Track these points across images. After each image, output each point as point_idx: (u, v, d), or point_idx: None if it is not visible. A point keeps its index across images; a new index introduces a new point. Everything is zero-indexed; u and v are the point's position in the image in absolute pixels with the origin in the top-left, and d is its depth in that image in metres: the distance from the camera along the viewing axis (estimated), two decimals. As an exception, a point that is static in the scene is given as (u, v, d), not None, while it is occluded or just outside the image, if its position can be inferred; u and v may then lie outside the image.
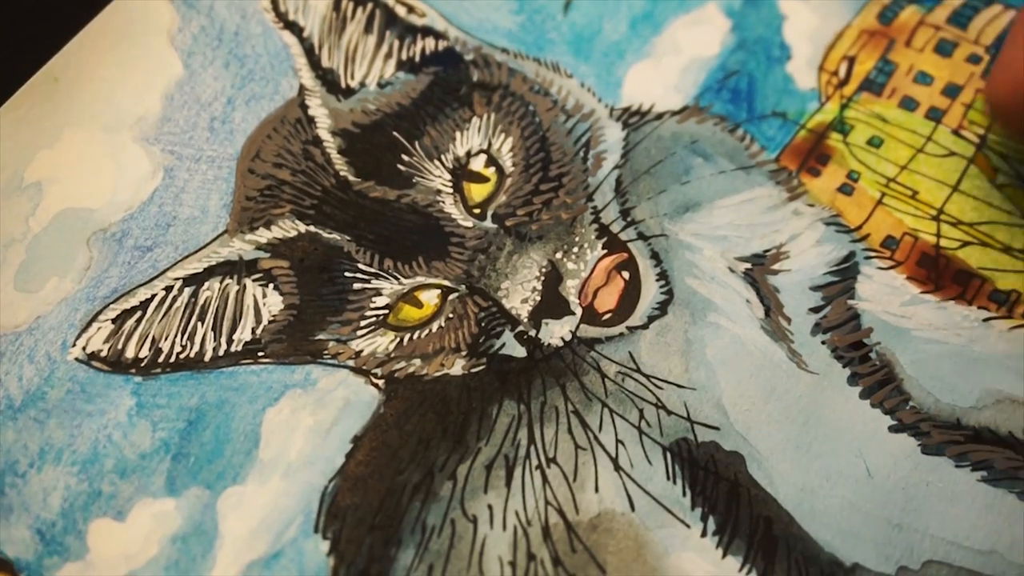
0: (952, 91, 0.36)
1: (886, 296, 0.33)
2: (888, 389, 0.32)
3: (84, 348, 0.32)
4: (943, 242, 0.34)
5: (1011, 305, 0.33)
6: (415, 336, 0.32)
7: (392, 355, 0.32)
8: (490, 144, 0.34)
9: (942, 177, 0.35)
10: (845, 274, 0.33)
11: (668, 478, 0.30)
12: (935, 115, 0.36)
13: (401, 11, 0.36)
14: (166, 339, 0.32)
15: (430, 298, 0.32)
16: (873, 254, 0.34)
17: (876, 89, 0.36)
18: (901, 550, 0.30)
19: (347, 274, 0.33)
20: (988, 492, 0.30)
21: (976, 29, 0.37)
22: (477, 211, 0.33)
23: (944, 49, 0.36)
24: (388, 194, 0.34)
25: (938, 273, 0.33)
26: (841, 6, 0.37)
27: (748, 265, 0.33)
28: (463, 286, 0.32)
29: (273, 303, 0.32)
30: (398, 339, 0.32)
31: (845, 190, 0.34)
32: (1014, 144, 0.35)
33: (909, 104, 0.36)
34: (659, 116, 0.35)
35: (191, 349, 0.32)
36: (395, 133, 0.34)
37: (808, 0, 0.37)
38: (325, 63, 0.35)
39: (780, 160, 0.35)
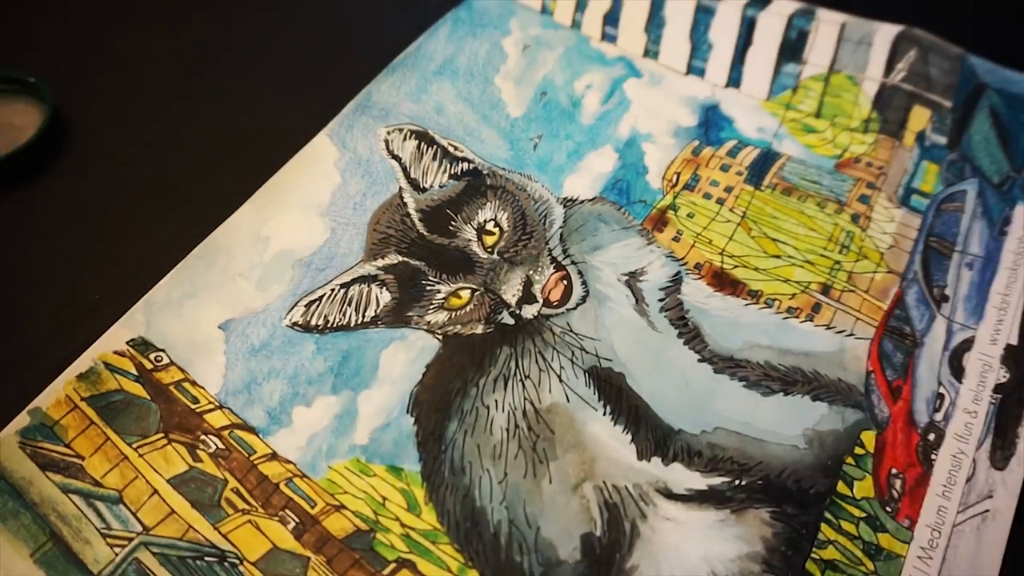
0: (728, 189, 0.35)
1: (696, 293, 0.32)
2: (697, 341, 0.30)
3: (290, 320, 0.30)
4: (724, 265, 0.32)
5: (758, 296, 0.32)
6: (457, 314, 0.31)
7: (446, 324, 0.30)
8: (496, 216, 0.33)
9: (724, 233, 0.33)
10: (675, 282, 0.32)
11: (586, 386, 0.29)
12: (720, 201, 0.34)
13: (450, 149, 0.35)
14: (331, 315, 0.30)
15: (465, 294, 0.31)
16: (690, 272, 0.32)
17: (691, 188, 0.35)
18: (702, 422, 0.28)
19: (423, 282, 0.31)
20: (746, 392, 0.29)
21: (741, 159, 0.36)
22: (489, 250, 0.32)
23: (724, 168, 0.35)
24: (444, 241, 0.32)
25: (722, 281, 0.32)
26: (672, 147, 0.36)
27: (627, 277, 0.32)
28: (482, 288, 0.31)
29: (384, 297, 0.31)
30: (449, 315, 0.30)
31: (676, 239, 0.33)
32: (766, 217, 0.35)
33: (708, 196, 0.34)
34: (582, 202, 0.34)
35: (343, 320, 0.30)
36: (448, 211, 0.33)
37: (656, 143, 0.36)
38: (412, 175, 0.34)
39: (643, 224, 0.33)
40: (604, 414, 0.29)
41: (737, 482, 0.27)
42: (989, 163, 0.35)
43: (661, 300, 0.31)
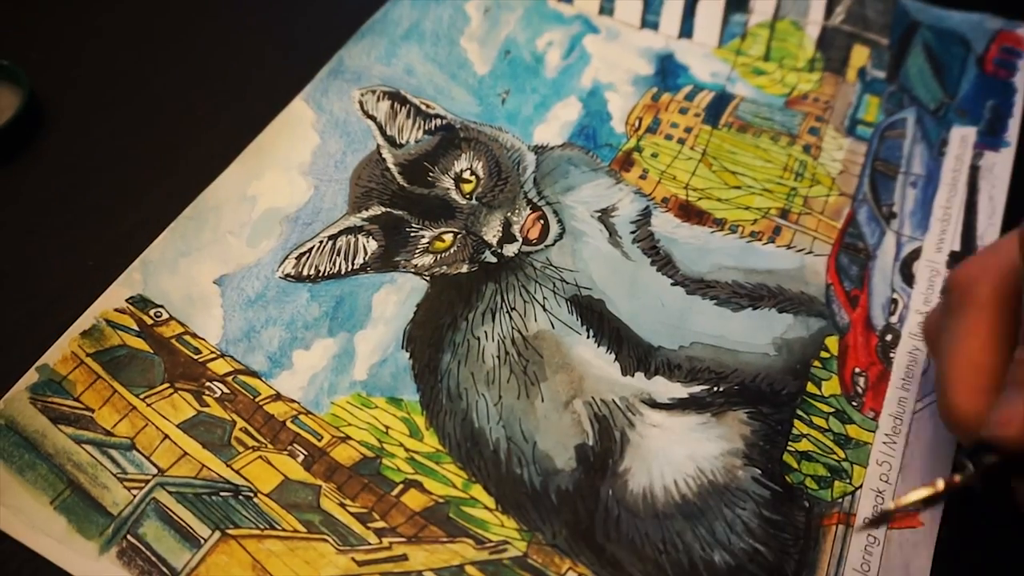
0: (688, 130, 0.36)
1: (665, 224, 0.33)
2: (669, 267, 0.32)
3: (283, 272, 0.31)
4: (689, 198, 0.34)
5: (723, 224, 0.33)
6: (442, 256, 0.32)
7: (432, 265, 0.32)
8: (471, 165, 0.34)
9: (687, 169, 0.35)
10: (645, 215, 0.33)
11: (569, 313, 0.31)
12: (681, 141, 0.36)
13: (423, 107, 0.36)
14: (321, 265, 0.31)
15: (448, 237, 0.32)
16: (658, 206, 0.34)
17: (653, 131, 0.36)
18: (679, 338, 0.30)
19: (407, 229, 0.32)
20: (718, 309, 0.31)
21: (697, 101, 0.38)
22: (468, 196, 0.33)
23: (683, 111, 0.37)
24: (424, 191, 0.33)
25: (688, 213, 0.34)
26: (633, 94, 0.38)
27: (599, 214, 0.33)
28: (463, 231, 0.32)
29: (371, 246, 0.32)
30: (434, 257, 0.32)
31: (642, 177, 0.35)
32: (724, 152, 0.37)
33: (669, 136, 0.36)
34: (551, 148, 0.35)
35: (334, 269, 0.31)
36: (425, 163, 0.34)
37: (617, 91, 0.38)
38: (388, 133, 0.35)
39: (611, 165, 0.35)
40: (588, 337, 0.30)
41: (715, 389, 0.29)
42: (925, 92, 0.38)
43: (633, 232, 0.33)
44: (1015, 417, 0.20)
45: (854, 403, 0.29)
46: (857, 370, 0.30)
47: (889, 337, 0.31)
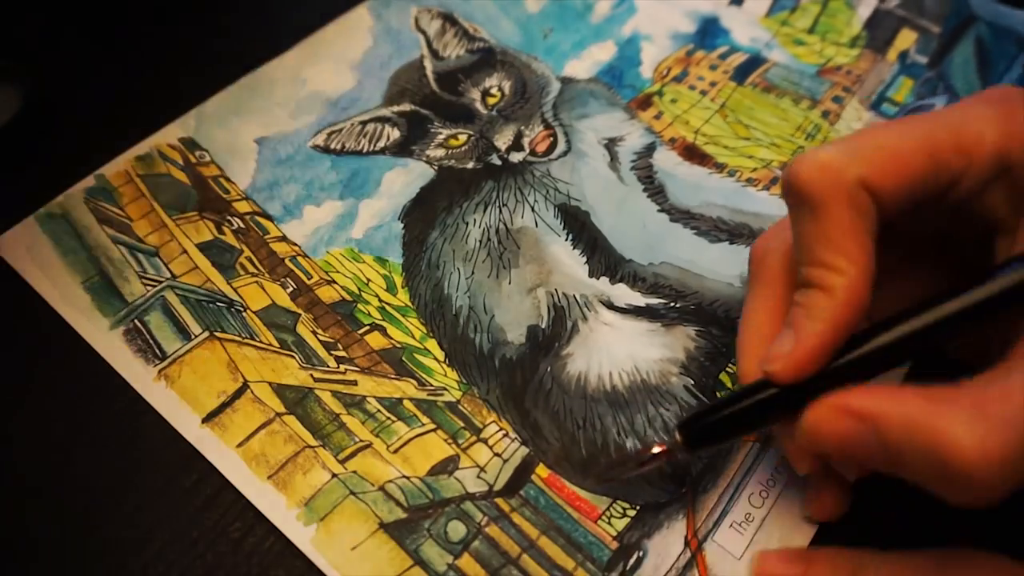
0: (713, 84, 0.38)
1: (666, 160, 0.35)
2: (660, 196, 0.34)
3: (314, 143, 0.35)
4: (697, 142, 0.36)
5: (723, 168, 0.35)
6: (453, 152, 0.35)
7: (442, 158, 0.35)
8: (500, 83, 0.37)
9: (702, 117, 0.37)
10: (649, 149, 0.35)
11: (554, 217, 0.33)
12: (703, 92, 0.38)
13: (470, 30, 0.40)
14: (347, 143, 0.35)
15: (462, 137, 0.35)
16: (664, 144, 0.35)
17: (679, 80, 0.38)
18: (651, 256, 0.32)
19: (428, 126, 0.36)
20: (696, 238, 0.32)
21: (730, 61, 0.39)
22: (490, 108, 0.36)
23: (713, 67, 0.39)
24: (452, 98, 0.37)
25: (692, 154, 0.35)
26: (668, 47, 0.39)
27: (607, 141, 0.35)
28: (478, 134, 0.35)
29: (394, 135, 0.35)
30: (446, 152, 0.35)
31: (656, 117, 0.36)
32: (743, 107, 0.38)
33: (692, 87, 0.38)
34: (577, 80, 0.38)
35: (357, 148, 0.35)
36: (459, 75, 0.38)
37: (654, 43, 0.39)
38: (434, 47, 0.39)
39: (629, 103, 0.37)
40: (566, 240, 0.33)
41: (672, 304, 0.31)
42: (963, 84, 0.38)
43: (633, 162, 0.35)
44: (780, 354, 0.21)
45: (806, 343, 0.30)
46: (818, 315, 0.31)
47: (859, 292, 0.31)
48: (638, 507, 0.26)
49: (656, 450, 0.24)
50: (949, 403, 0.19)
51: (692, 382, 0.29)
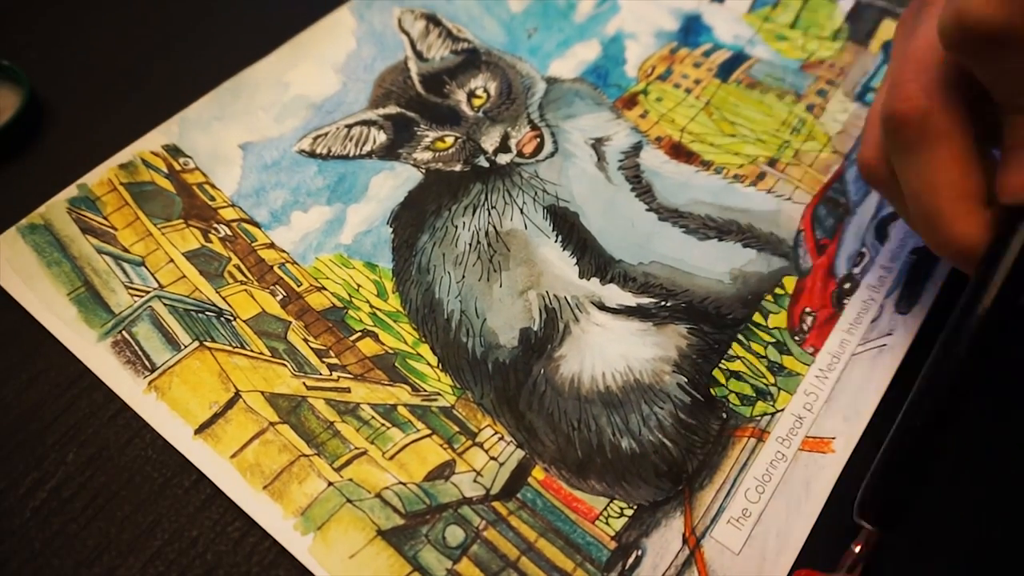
0: (697, 82, 0.38)
1: (653, 159, 0.35)
2: (647, 195, 0.34)
3: (299, 147, 0.35)
4: (683, 140, 0.36)
5: (709, 166, 0.35)
6: (440, 154, 0.35)
7: (429, 161, 0.34)
8: (485, 84, 0.37)
9: (687, 115, 0.37)
10: (636, 148, 0.35)
11: (544, 219, 0.33)
12: (688, 91, 0.38)
13: (454, 31, 0.40)
14: (333, 147, 0.35)
15: (449, 139, 0.35)
16: (650, 143, 0.36)
17: (663, 79, 0.38)
18: (641, 255, 0.32)
19: (414, 129, 0.35)
20: (684, 236, 0.33)
21: (713, 59, 0.39)
22: (476, 110, 0.36)
23: (697, 64, 0.39)
24: (437, 100, 0.36)
25: (678, 152, 0.35)
26: (652, 45, 0.40)
27: (593, 141, 0.35)
28: (465, 136, 0.35)
29: (380, 138, 0.35)
30: (433, 154, 0.35)
31: (642, 116, 0.37)
32: (728, 104, 0.38)
33: (677, 85, 0.38)
34: (563, 80, 0.38)
35: (343, 152, 0.35)
36: (444, 77, 0.37)
37: (638, 41, 0.40)
38: (418, 48, 0.38)
39: (615, 103, 0.37)
40: (555, 241, 0.33)
41: (663, 303, 0.31)
42: (944, 76, 0.38)
43: (620, 161, 0.35)
44: None
45: (796, 338, 0.31)
46: (807, 310, 0.31)
47: (847, 285, 0.32)
48: (635, 507, 0.26)
49: (857, 549, 0.23)
50: None
51: (685, 379, 0.29)
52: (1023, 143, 0.22)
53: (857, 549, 0.24)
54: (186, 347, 0.29)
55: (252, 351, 0.29)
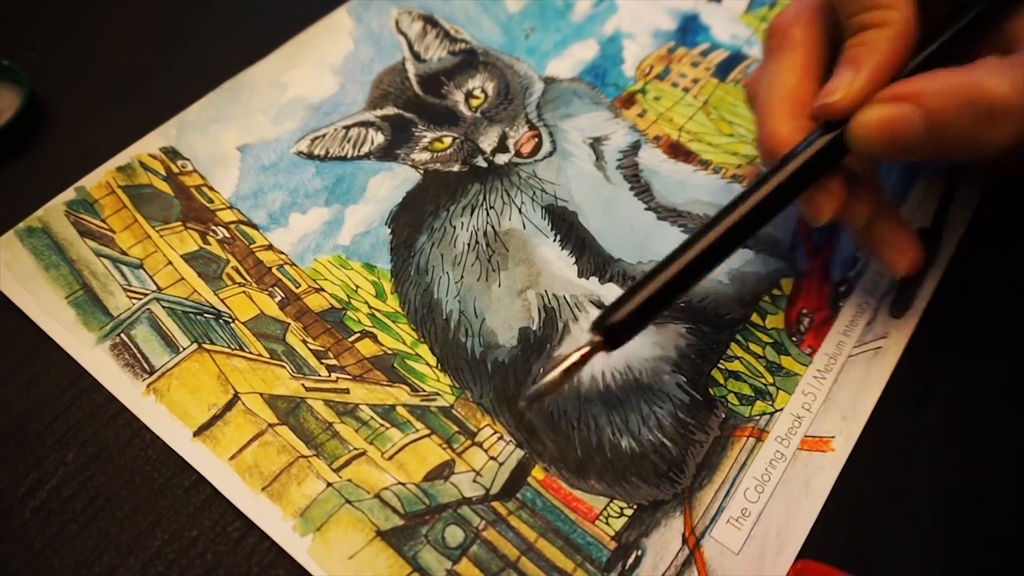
0: (695, 81, 0.38)
1: (651, 158, 0.35)
2: (646, 194, 0.34)
3: (297, 149, 0.35)
4: (681, 139, 0.36)
5: (707, 165, 0.35)
6: (439, 155, 0.35)
7: (427, 161, 0.34)
8: (483, 84, 0.37)
9: (685, 114, 0.37)
10: (634, 147, 0.35)
11: (542, 218, 0.33)
12: (686, 90, 0.38)
13: (451, 31, 0.40)
14: (331, 149, 0.35)
15: (447, 140, 0.35)
16: (648, 142, 0.36)
17: (661, 78, 0.38)
18: (639, 255, 0.32)
19: (412, 129, 0.35)
20: (683, 236, 0.32)
21: (711, 58, 0.39)
22: (474, 110, 0.36)
23: (695, 64, 0.39)
24: (435, 101, 0.36)
25: (676, 151, 0.35)
26: (650, 45, 0.40)
27: (591, 140, 0.35)
28: (463, 136, 0.35)
29: (378, 139, 0.35)
30: (431, 155, 0.35)
31: (640, 115, 0.37)
32: (726, 104, 0.38)
33: (675, 84, 0.38)
34: (561, 80, 0.38)
35: (341, 153, 0.35)
36: (442, 77, 0.37)
37: (635, 40, 0.40)
38: (415, 49, 0.38)
39: (613, 102, 0.37)
40: (554, 241, 0.33)
41: (662, 302, 0.31)
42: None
43: (619, 160, 0.35)
44: (840, 86, 0.24)
45: (794, 338, 0.31)
46: (804, 311, 0.31)
47: (843, 288, 0.32)
48: (635, 506, 0.27)
49: (576, 355, 0.25)
50: (981, 67, 0.22)
51: (684, 379, 0.29)
52: (847, 60, 0.24)
53: (578, 355, 0.25)
54: (185, 349, 0.29)
55: (251, 353, 0.29)
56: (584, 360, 0.25)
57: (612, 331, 0.25)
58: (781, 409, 0.29)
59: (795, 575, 0.24)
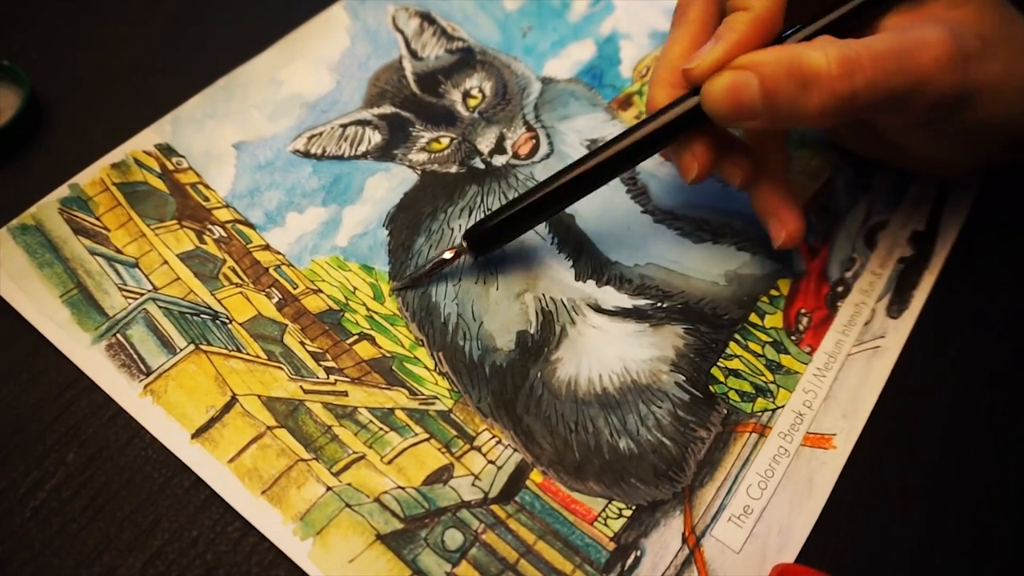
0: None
1: (649, 161, 0.34)
2: (643, 197, 0.34)
3: (294, 147, 0.34)
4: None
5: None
6: (436, 155, 0.35)
7: (425, 162, 0.34)
8: (480, 84, 0.37)
9: (682, 116, 0.38)
10: None
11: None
12: (683, 91, 0.39)
13: (448, 29, 0.39)
14: (328, 147, 0.34)
15: (444, 140, 0.35)
16: None
17: (658, 79, 0.39)
18: (636, 258, 0.32)
19: (410, 129, 0.35)
20: (680, 239, 0.33)
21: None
22: (471, 111, 0.36)
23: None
24: (433, 100, 0.36)
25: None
26: (647, 46, 0.40)
27: (589, 143, 0.36)
28: (460, 137, 0.35)
29: (376, 138, 0.35)
30: (429, 156, 0.34)
31: (638, 118, 0.36)
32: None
33: (672, 86, 0.39)
34: (558, 80, 0.38)
35: (338, 152, 0.34)
36: (439, 76, 0.37)
37: (632, 41, 0.40)
38: (412, 47, 0.38)
39: (610, 104, 0.37)
40: (551, 244, 0.33)
41: (659, 304, 0.31)
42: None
43: (616, 162, 0.35)
44: (700, 55, 0.26)
45: (793, 337, 0.31)
46: (803, 311, 0.32)
47: (840, 288, 0.32)
48: (634, 507, 0.27)
49: (447, 255, 0.30)
50: (812, 43, 0.25)
51: (683, 378, 0.30)
52: (714, 36, 0.27)
53: (448, 255, 0.30)
54: (181, 350, 0.29)
55: (248, 354, 0.29)
56: (450, 260, 0.30)
57: (478, 239, 0.29)
58: (783, 406, 0.29)
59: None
